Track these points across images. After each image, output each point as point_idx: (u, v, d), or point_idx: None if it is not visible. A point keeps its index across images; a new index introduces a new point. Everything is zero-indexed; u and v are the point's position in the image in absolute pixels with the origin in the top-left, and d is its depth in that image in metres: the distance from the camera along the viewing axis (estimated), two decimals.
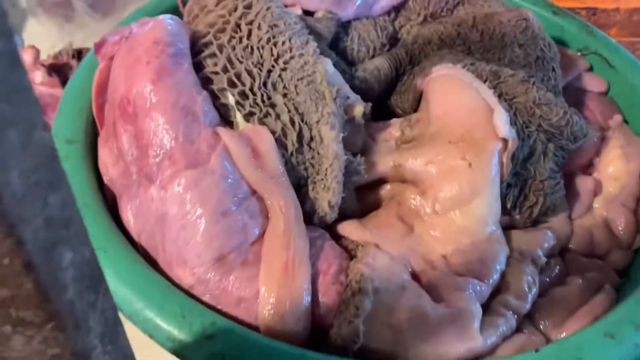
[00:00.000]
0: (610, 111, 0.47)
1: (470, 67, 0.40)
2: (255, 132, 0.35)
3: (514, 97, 0.39)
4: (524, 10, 0.46)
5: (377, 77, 0.44)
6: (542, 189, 0.38)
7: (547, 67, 0.43)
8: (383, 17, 0.48)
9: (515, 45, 0.44)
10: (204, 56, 0.37)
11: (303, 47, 0.38)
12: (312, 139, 0.36)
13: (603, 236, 0.39)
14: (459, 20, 0.47)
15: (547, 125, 0.39)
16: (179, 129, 0.33)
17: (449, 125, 0.38)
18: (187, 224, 0.32)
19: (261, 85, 0.37)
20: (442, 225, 0.36)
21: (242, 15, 0.39)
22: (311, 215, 0.36)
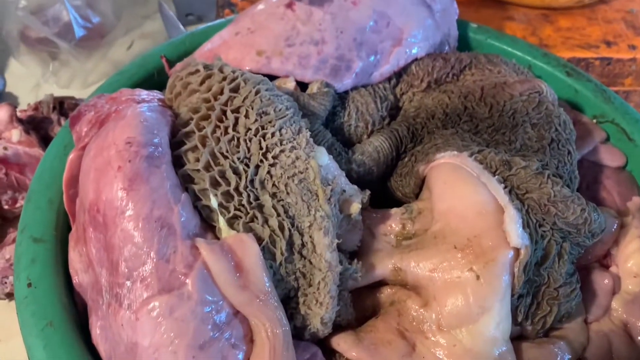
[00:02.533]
0: (629, 191, 0.43)
1: (478, 155, 0.37)
2: (240, 243, 0.31)
3: (526, 192, 0.36)
4: (538, 82, 0.42)
5: (376, 159, 0.40)
6: (556, 297, 0.35)
7: (563, 150, 0.39)
8: (383, 84, 0.45)
9: (527, 124, 0.40)
10: (185, 150, 0.34)
11: (295, 137, 0.35)
12: (303, 245, 0.33)
13: (622, 343, 0.36)
14: (466, 91, 0.43)
15: (563, 224, 0.35)
16: (153, 245, 0.30)
17: (455, 226, 0.35)
18: (160, 359, 0.28)
19: (247, 184, 0.33)
20: (446, 345, 0.32)
21: (228, 101, 0.35)
22: (302, 331, 0.33)
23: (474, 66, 0.46)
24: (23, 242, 0.35)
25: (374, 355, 0.32)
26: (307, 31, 0.42)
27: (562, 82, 0.50)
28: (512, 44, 0.52)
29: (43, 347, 0.30)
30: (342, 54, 0.43)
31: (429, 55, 0.47)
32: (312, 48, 0.42)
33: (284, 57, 0.42)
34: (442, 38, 0.49)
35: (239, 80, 0.36)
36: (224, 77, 0.37)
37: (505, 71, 0.45)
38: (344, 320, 0.34)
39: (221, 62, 0.38)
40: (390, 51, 0.45)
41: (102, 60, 0.72)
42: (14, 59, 0.70)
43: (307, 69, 0.42)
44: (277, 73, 0.42)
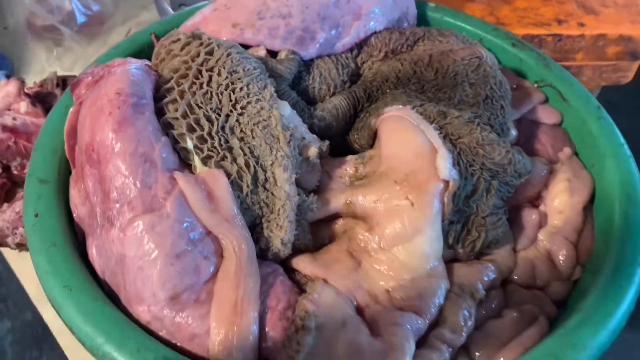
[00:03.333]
0: (560, 144, 0.49)
1: (419, 108, 0.43)
2: (211, 176, 0.38)
3: (459, 138, 0.42)
4: (478, 48, 0.48)
5: (335, 115, 0.46)
6: (484, 225, 0.41)
7: (496, 105, 0.45)
8: (345, 53, 0.51)
9: (466, 84, 0.46)
10: (166, 102, 0.40)
11: (260, 92, 0.41)
12: (266, 180, 0.39)
13: (544, 268, 0.42)
14: (416, 58, 0.49)
15: (491, 164, 0.41)
16: (138, 175, 0.36)
17: (396, 166, 0.41)
18: (143, 266, 0.35)
19: (219, 129, 0.39)
20: (386, 261, 0.38)
21: (203, 62, 0.41)
22: (266, 252, 0.39)
23: (426, 38, 0.52)
24: (31, 183, 0.41)
25: (326, 270, 0.38)
26: (276, 6, 0.49)
27: (509, 52, 0.55)
28: (466, 21, 0.58)
29: (47, 262, 0.37)
30: (307, 26, 0.49)
31: (387, 29, 0.53)
32: (280, 21, 0.48)
33: (256, 29, 0.48)
34: (400, 15, 0.55)
35: (213, 45, 0.43)
36: (201, 43, 0.43)
37: (454, 42, 0.51)
38: (302, 245, 0.40)
39: (199, 31, 0.44)
40: (351, 25, 0.51)
41: (102, 46, 0.78)
42: (21, 45, 0.76)
43: (276, 39, 0.48)
44: (249, 42, 0.48)
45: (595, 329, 0.35)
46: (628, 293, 0.36)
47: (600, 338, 0.34)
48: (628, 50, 0.67)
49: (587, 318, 0.35)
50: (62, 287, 0.35)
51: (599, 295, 0.37)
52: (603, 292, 0.37)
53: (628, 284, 0.37)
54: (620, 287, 0.37)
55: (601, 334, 0.34)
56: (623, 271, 0.38)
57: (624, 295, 0.36)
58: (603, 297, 0.36)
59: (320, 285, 0.37)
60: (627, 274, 0.37)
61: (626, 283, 0.37)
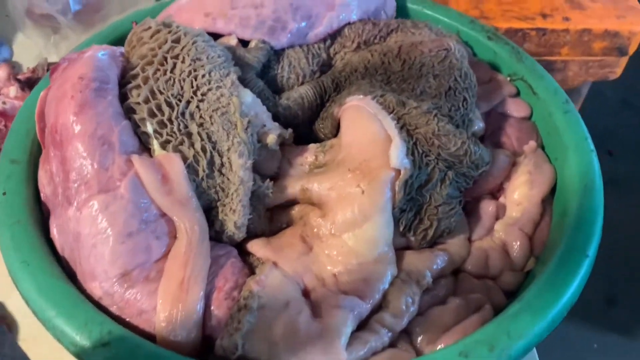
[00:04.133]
0: (526, 137, 0.49)
1: (380, 98, 0.44)
2: (167, 159, 0.39)
3: (416, 128, 0.42)
4: (447, 40, 0.49)
5: (300, 104, 0.47)
6: (436, 214, 0.41)
7: (458, 97, 0.46)
8: (318, 44, 0.52)
9: (430, 76, 0.47)
10: (130, 87, 0.42)
11: (222, 79, 0.42)
12: (222, 165, 0.40)
13: (498, 258, 0.42)
14: (386, 49, 0.50)
15: (446, 155, 0.42)
16: (95, 157, 0.37)
17: (352, 154, 0.42)
18: (97, 243, 0.36)
19: (179, 115, 0.41)
20: (336, 246, 0.39)
21: (169, 49, 0.43)
22: (221, 234, 0.40)
23: (400, 30, 0.53)
24: (3, 163, 0.43)
25: (277, 253, 0.39)
26: None
27: (484, 45, 0.56)
28: (444, 13, 0.58)
29: (10, 238, 0.38)
30: (279, 17, 0.50)
31: (361, 20, 0.53)
32: (252, 11, 0.49)
33: (228, 18, 0.49)
34: (377, 6, 0.55)
35: (180, 33, 0.44)
36: (170, 31, 0.44)
37: (427, 34, 0.52)
38: (258, 229, 0.41)
39: (170, 20, 0.46)
40: (324, 15, 0.51)
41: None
42: (20, 32, 0.79)
43: (247, 29, 0.49)
44: (221, 32, 0.49)
45: (533, 318, 0.35)
46: (571, 284, 0.37)
47: (537, 328, 0.35)
48: (614, 45, 0.67)
49: (526, 307, 0.36)
50: (21, 262, 0.37)
51: (542, 284, 0.37)
52: (546, 281, 0.37)
53: (572, 274, 0.37)
54: (563, 277, 0.37)
55: (538, 324, 0.35)
56: (569, 261, 0.38)
57: (566, 286, 0.37)
58: (545, 287, 0.37)
59: (268, 267, 0.38)
60: (572, 264, 0.38)
61: (570, 273, 0.37)
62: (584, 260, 0.38)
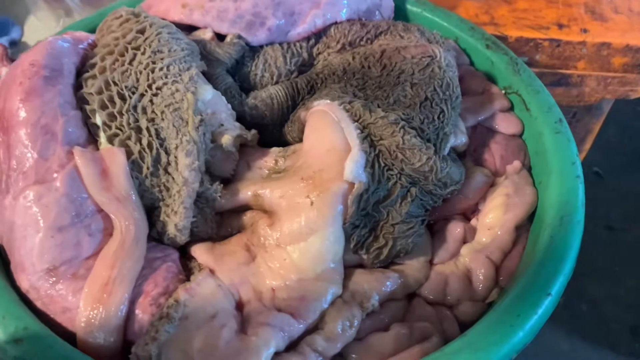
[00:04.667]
0: (512, 156, 0.46)
1: (347, 105, 0.41)
2: (109, 154, 0.38)
3: (380, 139, 0.40)
4: (433, 47, 0.46)
5: (269, 105, 0.45)
6: (392, 232, 0.38)
7: (434, 109, 0.42)
8: (300, 42, 0.49)
9: (407, 84, 0.44)
10: (86, 77, 0.40)
11: (180, 74, 0.40)
12: (169, 163, 0.39)
13: (458, 285, 0.39)
14: (369, 53, 0.47)
15: (410, 170, 0.39)
16: (36, 146, 0.36)
17: (309, 162, 0.39)
18: (27, 235, 0.35)
19: (130, 108, 0.39)
20: (279, 258, 0.37)
21: (132, 40, 0.41)
22: (162, 236, 0.39)
23: (389, 32, 0.50)
24: None
25: (217, 260, 0.37)
26: None
27: (481, 54, 0.52)
28: (445, 17, 0.55)
29: None
30: (258, 12, 0.48)
31: (349, 20, 0.51)
32: (230, 4, 0.47)
33: (205, 10, 0.47)
34: (370, 6, 0.53)
35: (146, 24, 0.42)
36: (137, 20, 0.43)
37: (416, 39, 0.49)
38: (203, 233, 0.40)
39: (140, 10, 0.44)
40: (308, 13, 0.49)
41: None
42: (33, 13, 0.79)
43: (224, 22, 0.47)
44: (197, 24, 0.47)
45: (472, 358, 0.32)
46: (524, 324, 0.34)
47: None
48: (637, 62, 0.62)
49: (468, 345, 0.33)
50: None
51: (491, 321, 0.34)
52: (496, 318, 0.34)
53: (527, 313, 0.34)
54: (517, 316, 0.34)
55: None
56: (526, 299, 0.35)
57: (517, 326, 0.33)
58: (494, 324, 0.34)
59: (203, 275, 0.36)
60: (529, 302, 0.34)
61: (525, 312, 0.34)
62: (544, 299, 0.35)
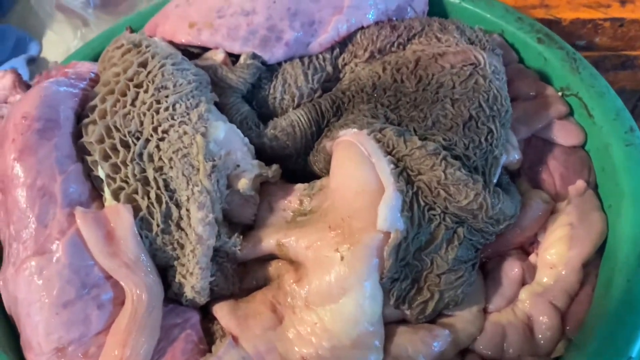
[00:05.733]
0: (573, 174, 0.39)
1: (378, 133, 0.36)
2: (114, 213, 0.34)
3: (418, 174, 0.34)
4: (475, 53, 0.39)
5: (291, 134, 0.40)
6: (438, 284, 0.33)
7: (481, 130, 0.36)
8: (323, 54, 0.44)
9: (448, 100, 0.38)
10: (86, 123, 0.36)
11: (187, 113, 0.36)
12: (181, 218, 0.35)
13: (518, 338, 0.34)
14: (402, 62, 0.41)
15: (456, 209, 0.34)
16: (34, 211, 0.33)
17: (336, 205, 0.35)
18: (31, 312, 0.32)
19: (135, 157, 0.35)
20: (309, 322, 0.33)
21: (134, 75, 0.37)
22: (180, 297, 0.35)
23: (424, 34, 0.44)
24: None
25: (241, 325, 0.33)
26: (239, 2, 0.42)
27: (533, 50, 0.45)
28: (487, 8, 0.48)
29: None
30: (273, 25, 0.42)
31: (377, 23, 0.45)
32: (241, 19, 0.42)
33: (214, 29, 0.42)
34: (400, 3, 0.46)
35: (147, 55, 0.38)
36: (139, 51, 0.38)
37: (455, 40, 0.42)
38: (224, 290, 0.36)
39: (141, 38, 0.40)
40: (330, 20, 0.43)
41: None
42: (50, 25, 0.76)
43: (235, 41, 0.42)
44: (207, 45, 0.43)
45: None
46: None
47: None
48: None
49: None
50: None
51: None
52: None
53: None
54: None
55: None
56: None
57: None
58: None
59: (225, 347, 0.32)
60: None
61: None
62: None
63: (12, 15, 0.78)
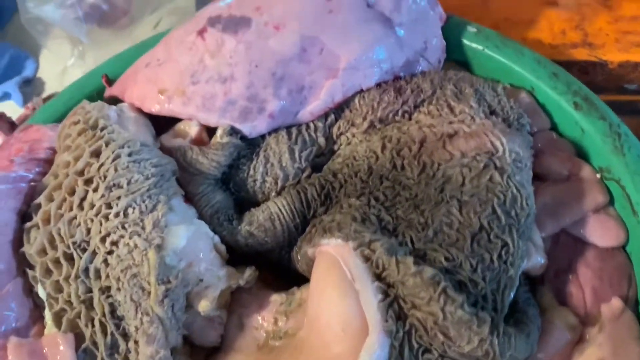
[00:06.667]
0: (609, 288, 0.32)
1: (366, 249, 0.29)
2: (53, 345, 0.29)
3: (412, 307, 0.28)
4: (493, 138, 0.32)
5: (269, 229, 0.34)
6: None
7: (494, 244, 0.30)
8: (315, 122, 0.37)
9: (454, 203, 0.31)
10: (28, 227, 0.32)
11: (142, 219, 0.31)
12: (129, 351, 0.30)
13: None
14: (404, 141, 0.35)
15: (456, 355, 0.28)
16: None
17: (314, 340, 0.29)
18: None
19: (80, 273, 0.30)
20: None
21: (84, 168, 0.32)
22: None
23: (435, 100, 0.37)
24: None
25: None
26: (215, 65, 0.36)
27: (568, 116, 0.38)
28: (515, 58, 0.40)
29: None
30: (255, 93, 0.36)
31: (380, 85, 0.38)
32: (218, 87, 0.36)
33: (187, 98, 0.36)
34: (410, 57, 0.39)
35: (101, 142, 0.33)
36: (93, 135, 0.33)
37: (471, 112, 0.35)
38: None
39: (102, 112, 0.34)
40: (322, 85, 0.37)
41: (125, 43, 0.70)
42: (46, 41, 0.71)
43: (211, 112, 0.36)
44: (179, 115, 0.37)
45: None
46: None
47: None
48: None
49: None
50: None
51: None
52: None
53: None
54: None
55: None
56: None
57: None
58: None
59: None
60: None
61: None
62: None
63: (8, 31, 0.74)
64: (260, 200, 0.36)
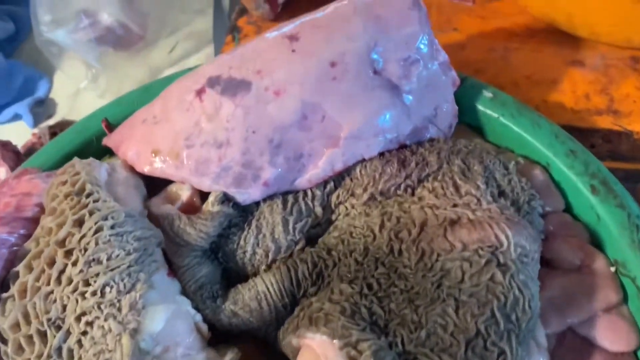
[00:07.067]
0: None
1: (352, 350, 0.27)
2: None
3: None
4: (496, 231, 0.30)
5: (255, 309, 0.32)
6: None
7: (490, 352, 0.28)
8: (314, 189, 0.36)
9: (451, 302, 0.29)
10: (5, 298, 0.30)
11: (119, 300, 0.29)
12: None
13: None
14: (403, 223, 0.33)
15: None
16: None
17: None
18: None
19: (52, 352, 0.29)
20: None
21: (65, 238, 0.31)
22: None
23: (440, 175, 0.35)
24: None
25: None
26: (211, 129, 0.35)
27: (584, 200, 0.35)
28: (532, 130, 0.38)
29: None
30: (250, 160, 0.34)
31: (383, 155, 0.36)
32: (213, 151, 0.35)
33: (180, 161, 0.35)
34: (418, 124, 0.37)
35: (84, 212, 0.31)
36: (78, 201, 0.32)
37: (477, 194, 0.33)
38: None
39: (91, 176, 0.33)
40: (322, 153, 0.35)
41: (139, 66, 0.70)
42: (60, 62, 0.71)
43: (205, 177, 0.35)
44: (171, 178, 0.35)
45: None
46: None
47: None
48: None
49: None
50: None
51: None
52: None
53: None
54: None
55: None
56: None
57: None
58: None
59: None
60: None
61: None
62: None
63: (22, 50, 0.74)
64: (249, 273, 0.35)
